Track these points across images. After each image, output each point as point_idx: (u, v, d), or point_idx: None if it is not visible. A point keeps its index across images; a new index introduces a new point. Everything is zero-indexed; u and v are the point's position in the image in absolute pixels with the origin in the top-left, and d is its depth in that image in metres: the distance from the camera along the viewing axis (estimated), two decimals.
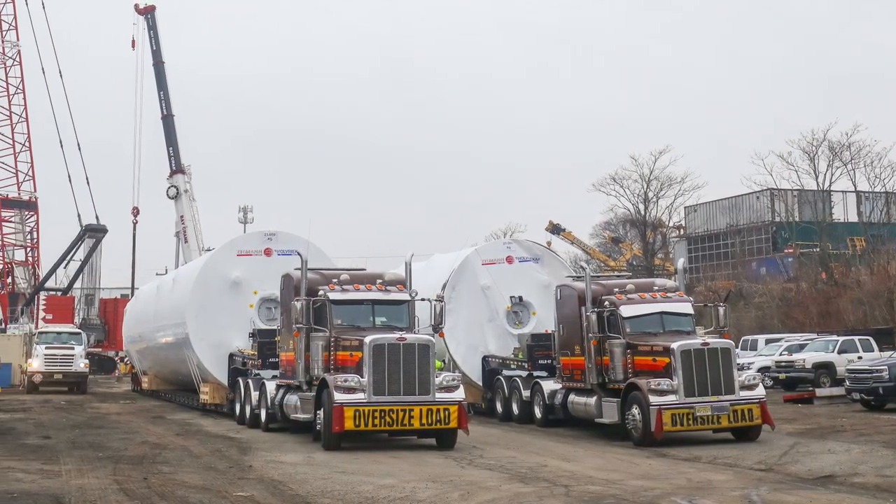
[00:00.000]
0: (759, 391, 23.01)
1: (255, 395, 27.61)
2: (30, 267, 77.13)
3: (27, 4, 76.63)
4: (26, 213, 76.92)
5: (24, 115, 76.40)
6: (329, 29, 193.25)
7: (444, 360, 30.10)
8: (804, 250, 74.93)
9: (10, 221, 76.64)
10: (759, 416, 22.52)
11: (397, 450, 21.81)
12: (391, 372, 21.61)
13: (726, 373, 22.41)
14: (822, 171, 73.04)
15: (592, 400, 24.58)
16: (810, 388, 37.53)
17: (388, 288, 23.95)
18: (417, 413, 21.54)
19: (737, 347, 27.67)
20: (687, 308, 24.60)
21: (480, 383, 31.53)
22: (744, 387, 22.62)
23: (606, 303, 24.59)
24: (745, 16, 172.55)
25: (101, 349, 72.55)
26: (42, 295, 74.09)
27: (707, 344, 22.67)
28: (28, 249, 77.57)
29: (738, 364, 24.01)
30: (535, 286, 32.45)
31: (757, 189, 79.43)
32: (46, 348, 47.66)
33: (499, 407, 30.33)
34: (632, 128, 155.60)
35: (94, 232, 76.15)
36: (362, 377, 21.57)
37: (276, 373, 26.57)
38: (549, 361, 28.50)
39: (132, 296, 64.34)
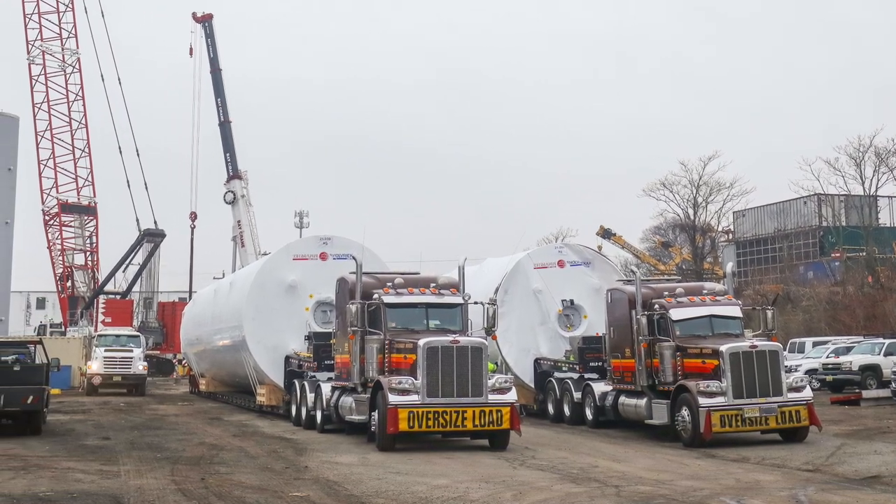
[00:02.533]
0: (807, 393, 23.13)
1: (310, 396, 27.75)
2: (89, 271, 77.79)
3: (86, 13, 77.59)
4: (86, 217, 77.60)
5: (83, 121, 77.15)
6: (384, 38, 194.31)
7: (496, 363, 30.31)
8: (851, 254, 74.71)
9: (70, 226, 77.45)
10: (807, 418, 22.64)
11: (450, 451, 21.93)
12: (444, 374, 21.78)
13: (774, 375, 22.56)
14: (869, 176, 73.32)
15: (643, 401, 24.76)
16: (857, 390, 37.41)
17: (442, 291, 24.06)
18: (470, 414, 21.72)
19: (784, 350, 27.75)
20: (735, 311, 24.73)
21: (532, 385, 31.71)
22: (791, 389, 22.77)
23: (656, 306, 24.77)
24: (794, 25, 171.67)
25: (159, 352, 73.04)
26: (101, 298, 74.58)
27: (755, 346, 22.78)
28: (87, 254, 78.22)
29: (786, 366, 24.19)
30: (586, 290, 32.61)
31: (804, 194, 79.29)
32: (106, 351, 47.95)
33: (550, 408, 30.50)
34: (681, 134, 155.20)
35: (153, 236, 76.82)
36: (416, 379, 21.74)
37: (332, 375, 26.64)
38: (600, 364, 28.68)
39: (190, 299, 64.86)
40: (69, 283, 77.07)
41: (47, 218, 76.54)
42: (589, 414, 28.29)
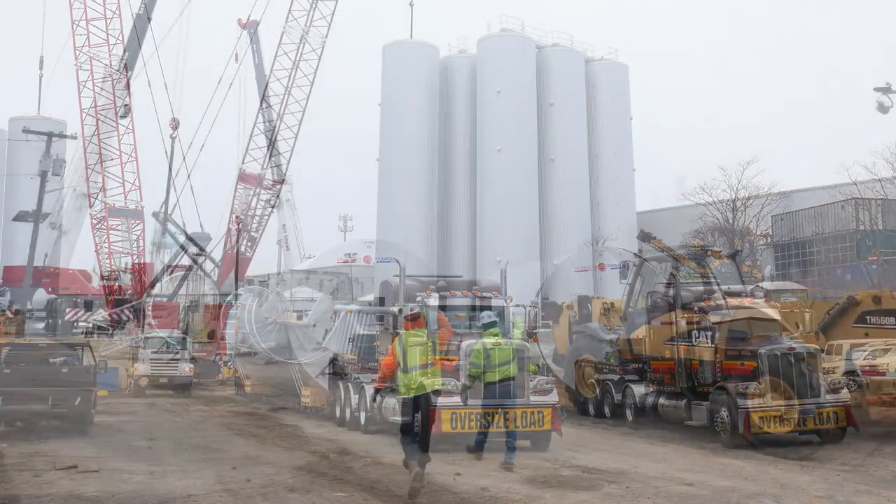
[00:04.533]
0: (844, 394, 23.30)
1: (354, 398, 27.80)
2: (136, 274, 78.69)
3: (133, 18, 78.35)
4: (132, 221, 78.52)
5: (130, 126, 78.11)
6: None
7: (538, 365, 30.64)
8: (888, 258, 74.34)
9: (117, 230, 78.31)
10: (844, 419, 22.81)
11: (492, 451, 21.67)
12: None
13: (812, 376, 22.77)
14: None
15: (682, 403, 24.94)
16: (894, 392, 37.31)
17: (484, 294, 24.39)
18: (512, 416, 21.81)
19: (822, 352, 27.82)
20: (774, 314, 24.93)
21: (573, 387, 32.07)
22: (829, 390, 22.94)
23: (696, 308, 25.05)
24: (836, 32, 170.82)
25: (205, 353, 73.83)
26: (148, 301, 75.56)
27: (793, 348, 22.99)
28: (134, 257, 79.17)
29: (824, 368, 24.34)
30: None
31: (841, 198, 79.11)
32: (152, 353, 48.30)
33: (591, 410, 30.77)
34: (720, 138, 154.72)
35: (199, 240, 77.71)
36: (459, 381, 22.01)
37: (376, 376, 27.06)
38: (640, 365, 28.90)
39: (235, 302, 65.45)
40: (116, 286, 77.77)
41: (94, 222, 77.34)
42: (629, 415, 28.38)
